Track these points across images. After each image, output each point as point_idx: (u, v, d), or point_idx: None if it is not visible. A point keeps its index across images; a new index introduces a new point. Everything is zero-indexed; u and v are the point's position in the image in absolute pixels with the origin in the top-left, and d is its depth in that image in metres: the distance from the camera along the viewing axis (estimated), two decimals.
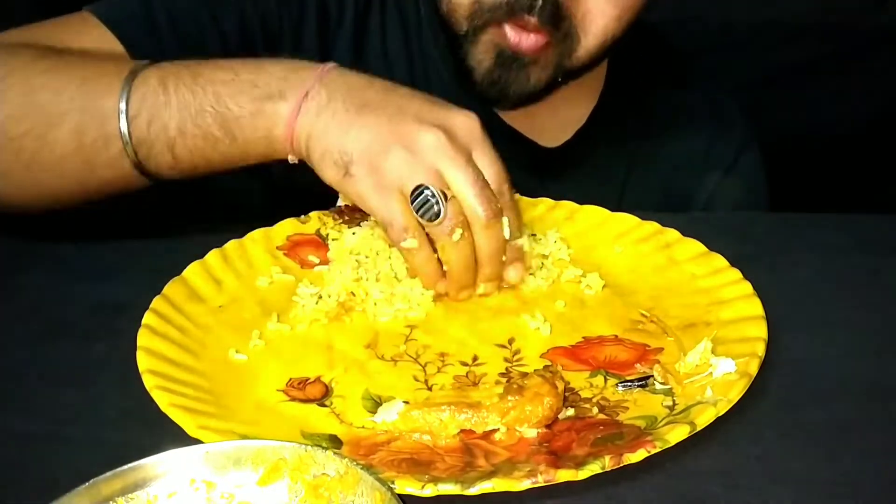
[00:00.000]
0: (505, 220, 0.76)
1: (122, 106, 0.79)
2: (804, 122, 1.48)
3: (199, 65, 0.82)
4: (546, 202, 0.92)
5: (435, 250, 0.76)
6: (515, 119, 0.99)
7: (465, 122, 0.77)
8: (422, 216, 0.74)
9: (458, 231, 0.74)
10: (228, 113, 0.79)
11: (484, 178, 0.75)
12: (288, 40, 0.98)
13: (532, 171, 1.01)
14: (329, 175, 0.76)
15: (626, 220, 0.88)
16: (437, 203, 0.73)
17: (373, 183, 0.74)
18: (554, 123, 1.05)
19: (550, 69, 0.94)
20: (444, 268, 0.77)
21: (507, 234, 0.77)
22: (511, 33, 0.91)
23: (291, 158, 0.80)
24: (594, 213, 0.89)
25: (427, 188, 0.73)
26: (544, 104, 0.99)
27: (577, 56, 0.94)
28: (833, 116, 1.49)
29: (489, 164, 0.76)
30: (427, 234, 0.75)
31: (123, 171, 0.81)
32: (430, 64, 1.03)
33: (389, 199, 0.74)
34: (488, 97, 0.95)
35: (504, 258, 0.78)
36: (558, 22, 0.90)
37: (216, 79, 0.80)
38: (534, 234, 0.85)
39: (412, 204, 0.74)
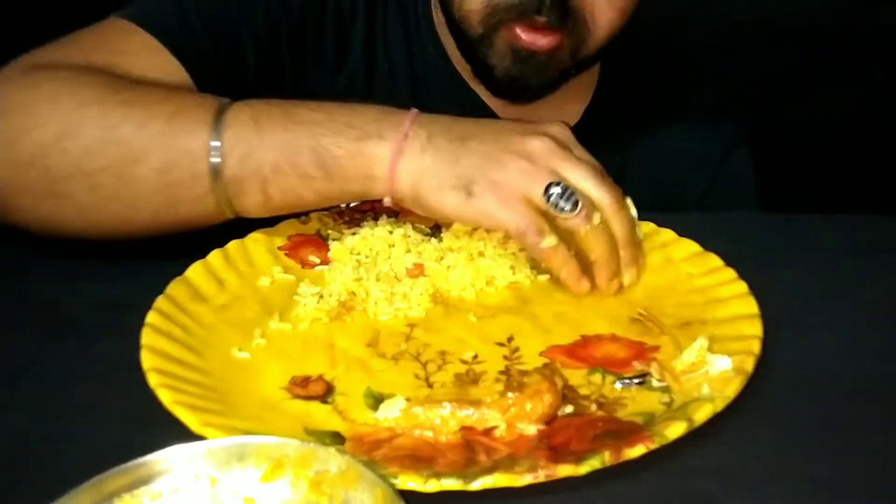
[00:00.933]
0: (628, 199, 0.80)
1: (215, 144, 0.78)
2: (804, 122, 1.48)
3: (289, 104, 0.81)
4: None
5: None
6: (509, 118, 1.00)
7: (560, 129, 0.80)
8: (562, 210, 0.76)
9: (597, 215, 0.77)
10: (326, 153, 0.78)
11: (599, 167, 0.79)
12: (310, 37, 1.00)
13: None
14: (450, 202, 0.77)
15: None
16: (573, 193, 0.76)
17: (497, 199, 0.76)
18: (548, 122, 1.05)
19: (566, 62, 0.96)
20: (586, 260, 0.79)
21: (634, 213, 0.80)
22: (523, 34, 0.93)
23: (387, 200, 0.80)
24: None
25: (555, 185, 0.76)
26: (539, 103, 1.01)
27: (588, 48, 0.96)
28: (832, 116, 1.49)
29: (590, 161, 0.79)
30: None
31: (206, 209, 0.80)
32: (430, 62, 1.04)
33: (518, 208, 0.76)
34: (509, 92, 0.99)
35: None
36: (567, 18, 0.92)
37: (311, 119, 0.80)
38: None
39: (548, 203, 0.76)
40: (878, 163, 1.46)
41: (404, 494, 0.53)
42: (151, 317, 0.72)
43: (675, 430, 0.61)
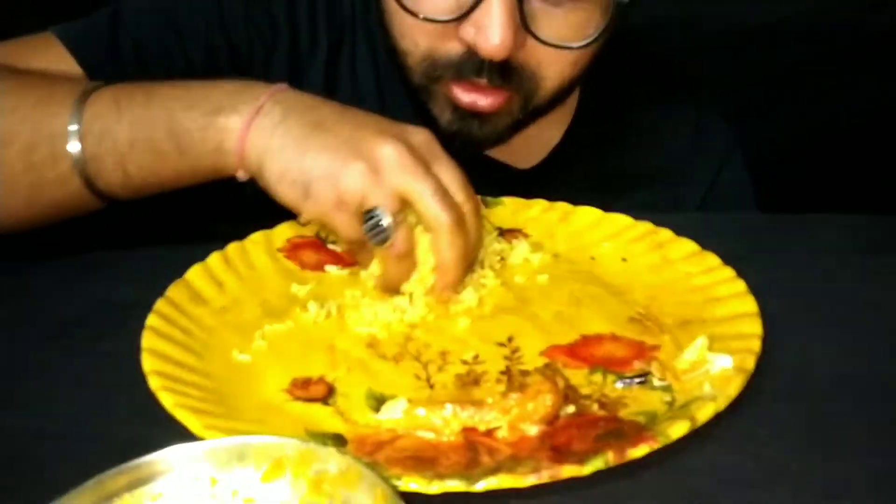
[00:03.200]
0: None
1: (74, 126, 0.80)
2: (804, 122, 1.48)
3: (154, 83, 0.82)
4: (541, 203, 0.93)
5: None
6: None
7: (422, 136, 0.75)
8: (371, 238, 0.74)
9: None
10: (179, 126, 0.78)
11: (444, 186, 0.73)
12: (258, 70, 0.97)
13: (505, 193, 0.98)
14: (288, 195, 0.75)
15: (620, 220, 0.88)
16: (387, 230, 0.73)
17: (332, 204, 0.73)
18: (527, 145, 1.02)
19: (515, 115, 0.92)
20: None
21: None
22: (463, 95, 0.89)
23: (241, 175, 0.78)
24: (588, 214, 0.90)
25: (373, 215, 0.73)
26: None
27: (539, 98, 0.92)
28: (832, 116, 1.49)
29: (450, 174, 0.74)
30: None
31: (73, 190, 0.82)
32: (401, 100, 0.99)
33: (349, 219, 0.74)
34: (454, 145, 0.92)
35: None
36: (511, 76, 0.88)
37: (169, 94, 0.80)
38: (502, 234, 0.88)
39: (364, 225, 0.73)
40: (878, 164, 1.46)
41: (407, 496, 0.53)
42: (152, 319, 0.72)
43: (678, 429, 0.61)
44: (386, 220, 0.73)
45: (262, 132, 0.76)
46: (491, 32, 0.83)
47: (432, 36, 0.88)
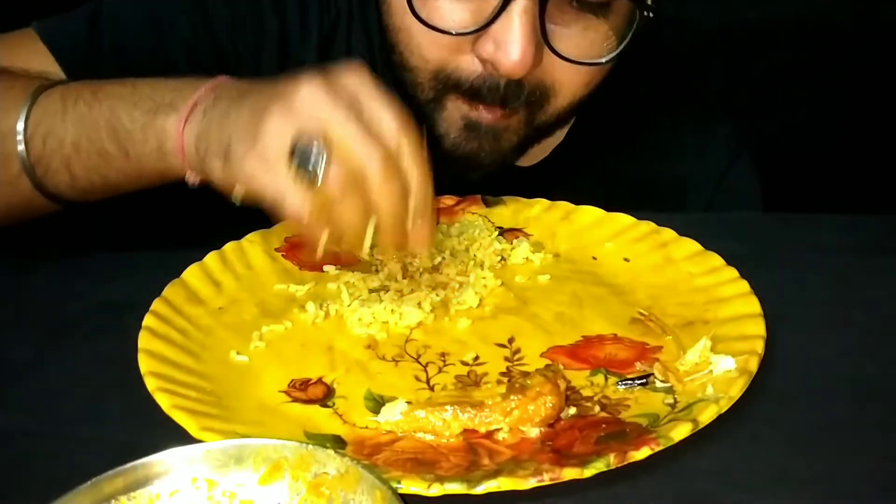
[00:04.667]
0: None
1: (20, 125, 0.79)
2: (804, 122, 1.49)
3: (104, 81, 0.81)
4: (542, 202, 0.93)
5: None
6: None
7: (353, 74, 0.69)
8: (300, 179, 0.66)
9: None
10: (121, 126, 0.77)
11: (374, 129, 0.67)
12: (246, 67, 0.95)
13: (508, 190, 0.97)
14: (215, 170, 0.70)
15: (622, 219, 0.88)
16: (312, 166, 0.66)
17: (254, 160, 0.67)
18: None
19: (523, 130, 0.90)
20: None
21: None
22: (473, 111, 0.86)
23: (190, 177, 0.76)
24: (590, 213, 0.90)
25: (301, 146, 0.66)
26: None
27: (547, 114, 0.90)
28: (833, 116, 1.50)
29: (382, 110, 0.68)
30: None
31: (25, 192, 0.81)
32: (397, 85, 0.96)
33: (276, 169, 0.66)
34: (460, 168, 0.91)
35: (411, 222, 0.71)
36: (522, 95, 0.85)
37: (114, 93, 0.79)
38: (503, 234, 0.87)
39: (292, 162, 0.66)
40: (878, 163, 1.46)
41: (407, 499, 0.53)
42: (148, 320, 0.72)
43: (680, 431, 0.60)
44: (307, 153, 0.66)
45: (195, 121, 0.74)
46: (511, 48, 0.80)
47: (445, 50, 0.84)
